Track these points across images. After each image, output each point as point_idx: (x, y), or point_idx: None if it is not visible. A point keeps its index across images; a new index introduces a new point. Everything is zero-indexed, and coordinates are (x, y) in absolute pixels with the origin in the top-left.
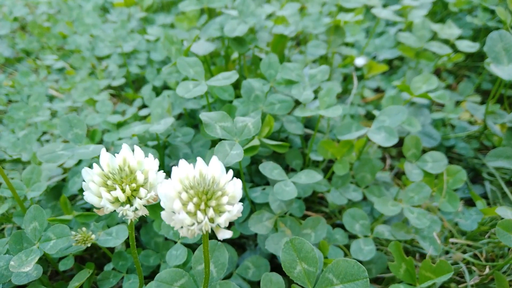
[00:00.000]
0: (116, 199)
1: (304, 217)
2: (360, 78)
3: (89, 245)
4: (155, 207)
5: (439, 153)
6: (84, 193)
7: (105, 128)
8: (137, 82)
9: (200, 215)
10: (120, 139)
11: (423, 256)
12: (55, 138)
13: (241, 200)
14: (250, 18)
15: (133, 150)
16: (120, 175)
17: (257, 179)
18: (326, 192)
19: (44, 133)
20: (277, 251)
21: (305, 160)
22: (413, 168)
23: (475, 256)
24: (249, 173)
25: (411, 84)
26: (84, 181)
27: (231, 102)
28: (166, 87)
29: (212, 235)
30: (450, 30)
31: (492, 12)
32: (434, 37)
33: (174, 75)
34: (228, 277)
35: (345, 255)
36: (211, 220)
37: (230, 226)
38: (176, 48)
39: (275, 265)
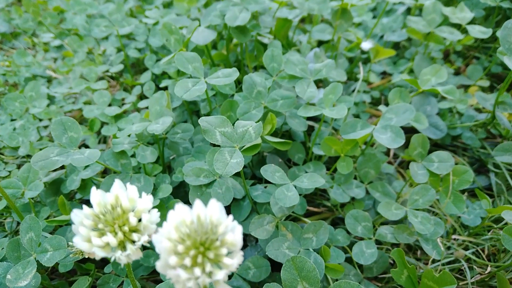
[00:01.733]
0: (108, 244)
1: (306, 213)
2: (366, 61)
3: (86, 256)
4: None
5: (446, 153)
6: (73, 239)
7: (103, 120)
8: (137, 66)
9: (197, 271)
10: (116, 137)
11: (424, 252)
12: None
13: (242, 199)
14: (253, 5)
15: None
16: (112, 216)
17: (258, 172)
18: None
19: (41, 120)
20: (277, 257)
21: (308, 153)
22: (419, 169)
23: (477, 252)
24: (251, 166)
25: (419, 76)
26: (73, 222)
27: (232, 95)
28: (165, 72)
29: None
30: (462, 14)
31: None
32: (445, 20)
33: (174, 65)
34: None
35: (346, 255)
36: (209, 275)
37: None
38: (175, 38)
39: (276, 264)
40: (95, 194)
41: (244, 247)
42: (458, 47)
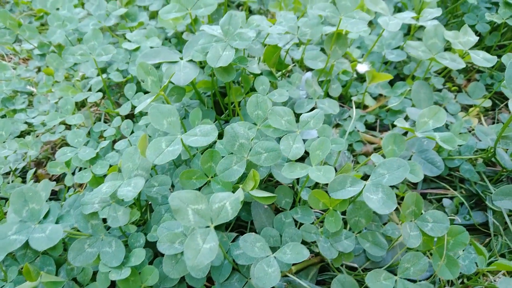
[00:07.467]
0: None
1: None
2: (362, 80)
3: None
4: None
5: (441, 213)
6: None
7: (77, 164)
8: (122, 86)
9: None
10: (82, 190)
11: None
12: (30, 163)
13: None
14: (238, 42)
15: None
16: None
17: (244, 215)
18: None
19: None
20: None
21: (296, 198)
22: (412, 230)
23: None
24: None
25: (417, 119)
26: None
27: (214, 142)
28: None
29: None
30: (465, 38)
31: None
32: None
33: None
34: None
35: None
36: None
37: (211, 286)
38: (151, 80)
39: None
40: None
41: None
42: None
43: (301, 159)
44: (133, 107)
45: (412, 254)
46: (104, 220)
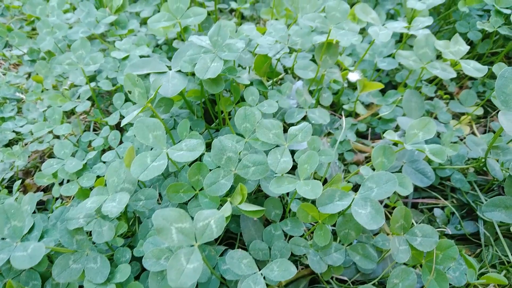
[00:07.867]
0: None
1: None
2: (354, 88)
3: None
4: None
5: (430, 228)
6: None
7: (63, 176)
8: (112, 93)
9: None
10: (70, 200)
11: None
12: (18, 172)
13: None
14: (226, 53)
15: None
16: None
17: (233, 227)
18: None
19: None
20: None
21: (286, 209)
22: (400, 244)
23: None
24: None
25: (407, 131)
26: None
27: (202, 155)
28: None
29: None
30: (456, 47)
31: (507, 18)
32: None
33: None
34: None
35: None
36: None
37: None
38: (138, 91)
39: None
40: None
41: None
42: None
43: (292, 168)
44: (122, 117)
45: (401, 269)
46: (91, 233)
